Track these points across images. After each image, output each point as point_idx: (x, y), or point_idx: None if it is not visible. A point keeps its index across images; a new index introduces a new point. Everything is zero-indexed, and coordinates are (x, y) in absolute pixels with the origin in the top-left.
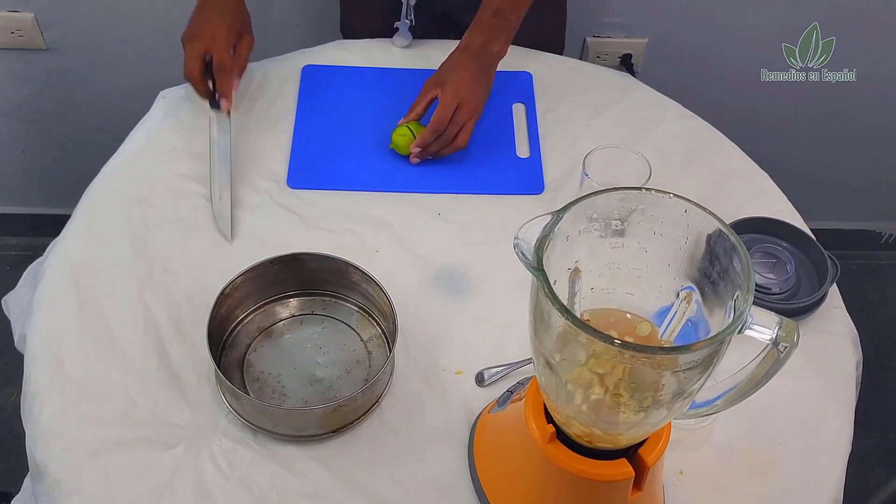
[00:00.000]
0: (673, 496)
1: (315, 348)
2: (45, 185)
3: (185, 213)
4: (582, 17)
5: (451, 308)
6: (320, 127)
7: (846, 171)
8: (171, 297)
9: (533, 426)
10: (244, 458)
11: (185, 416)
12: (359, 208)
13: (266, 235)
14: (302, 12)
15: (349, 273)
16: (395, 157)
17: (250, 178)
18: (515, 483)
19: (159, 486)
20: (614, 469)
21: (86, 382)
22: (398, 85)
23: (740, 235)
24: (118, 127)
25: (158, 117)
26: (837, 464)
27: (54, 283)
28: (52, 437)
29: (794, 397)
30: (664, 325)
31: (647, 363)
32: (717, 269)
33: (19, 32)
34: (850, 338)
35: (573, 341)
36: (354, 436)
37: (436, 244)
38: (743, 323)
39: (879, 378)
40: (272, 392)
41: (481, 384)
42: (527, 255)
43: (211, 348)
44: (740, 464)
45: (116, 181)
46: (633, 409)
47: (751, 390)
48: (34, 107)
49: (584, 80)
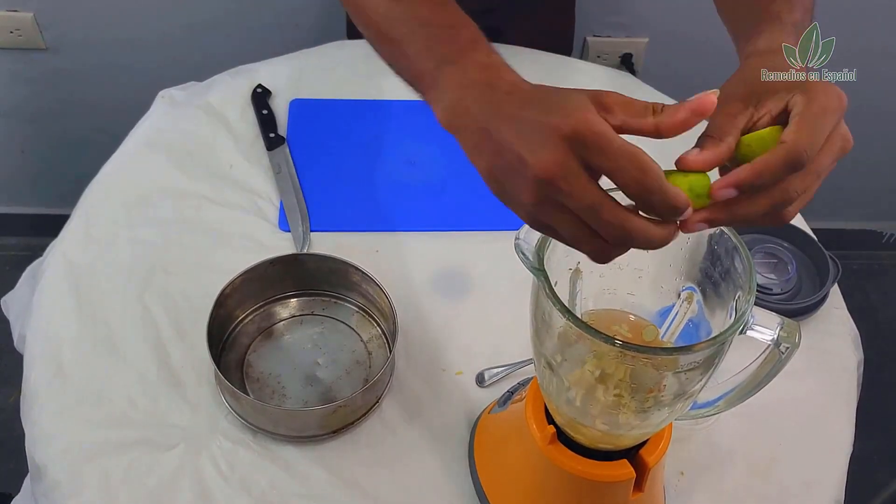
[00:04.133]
0: (674, 497)
1: (315, 349)
2: (45, 186)
3: (184, 213)
4: (582, 16)
5: (451, 308)
6: (311, 165)
7: (846, 171)
8: (170, 297)
9: (533, 427)
10: (244, 458)
11: (184, 416)
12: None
13: (266, 235)
14: (302, 12)
15: (349, 273)
16: (389, 195)
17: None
18: (516, 484)
19: (159, 486)
20: (615, 470)
21: (85, 383)
22: (391, 117)
23: (741, 235)
24: (117, 127)
25: (158, 117)
26: (839, 464)
27: (54, 283)
28: (52, 437)
29: (795, 398)
30: (665, 326)
31: (648, 364)
32: (718, 270)
33: (18, 32)
34: (851, 338)
35: (574, 342)
36: (354, 436)
37: (436, 244)
38: (744, 323)
39: (881, 378)
40: (272, 393)
41: (482, 385)
42: (528, 256)
43: (211, 349)
44: (741, 464)
45: (116, 181)
46: (635, 410)
47: (752, 391)
48: (33, 107)
49: (585, 80)
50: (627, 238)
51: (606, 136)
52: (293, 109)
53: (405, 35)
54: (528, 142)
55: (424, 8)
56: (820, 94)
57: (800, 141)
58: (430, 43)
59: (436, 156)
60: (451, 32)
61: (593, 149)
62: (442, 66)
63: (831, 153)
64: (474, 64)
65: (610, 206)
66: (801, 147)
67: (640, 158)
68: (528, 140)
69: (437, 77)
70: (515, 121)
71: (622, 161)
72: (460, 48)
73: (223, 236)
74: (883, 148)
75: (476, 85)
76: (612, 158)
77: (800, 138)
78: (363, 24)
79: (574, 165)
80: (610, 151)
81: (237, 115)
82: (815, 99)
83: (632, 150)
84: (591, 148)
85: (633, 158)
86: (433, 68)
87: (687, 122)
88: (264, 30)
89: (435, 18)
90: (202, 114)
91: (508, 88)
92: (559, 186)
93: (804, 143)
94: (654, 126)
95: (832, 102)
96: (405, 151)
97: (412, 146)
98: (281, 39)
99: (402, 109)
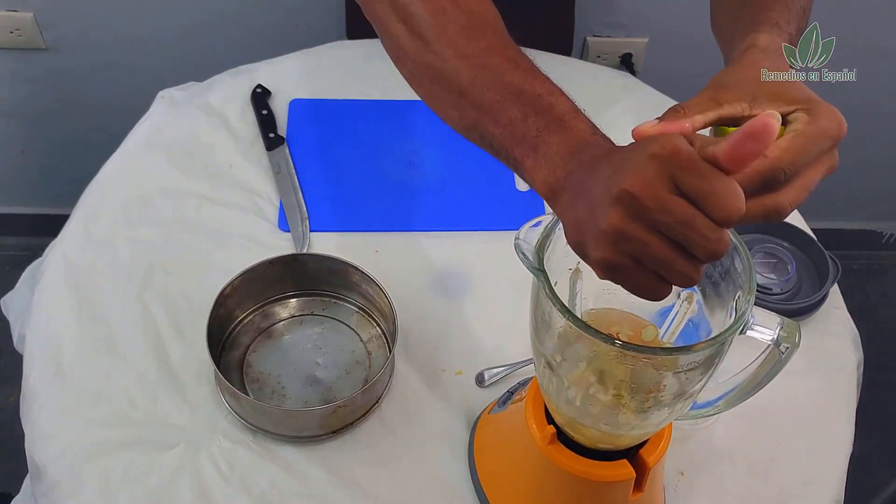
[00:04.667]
0: (673, 497)
1: (315, 349)
2: (44, 186)
3: (184, 213)
4: (582, 16)
5: (451, 308)
6: (310, 165)
7: (846, 171)
8: (170, 297)
9: (533, 427)
10: (244, 458)
11: (184, 416)
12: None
13: (266, 235)
14: (302, 12)
15: (349, 273)
16: (389, 195)
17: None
18: (516, 484)
19: (159, 486)
20: (615, 470)
21: (85, 383)
22: (391, 117)
23: (741, 235)
24: (117, 127)
25: (157, 117)
26: (838, 464)
27: (53, 283)
28: (52, 437)
29: (795, 398)
30: (665, 326)
31: (648, 364)
32: (718, 270)
33: (18, 32)
34: (851, 338)
35: (574, 342)
36: (354, 436)
37: (436, 244)
38: (744, 323)
39: (880, 378)
40: (272, 393)
41: (481, 385)
42: (528, 256)
43: (210, 349)
44: (741, 464)
45: (115, 181)
46: (634, 410)
47: (752, 391)
48: (33, 107)
49: (584, 80)
50: (720, 250)
51: (699, 159)
52: (293, 109)
53: (496, 102)
54: (616, 171)
55: (515, 76)
56: (822, 119)
57: (783, 159)
58: (527, 112)
59: (436, 156)
60: (551, 101)
61: (688, 167)
62: (543, 135)
63: (819, 170)
64: (578, 132)
65: (703, 218)
66: (781, 164)
67: (733, 182)
68: (616, 169)
69: (537, 146)
70: (609, 164)
71: (714, 182)
72: (561, 116)
73: (223, 236)
74: (883, 148)
75: (580, 151)
76: (705, 178)
77: (784, 156)
78: (440, 87)
79: (662, 182)
80: (703, 169)
81: (237, 115)
82: (815, 122)
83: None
84: (685, 167)
85: (727, 181)
86: (533, 136)
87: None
88: (264, 30)
89: (528, 87)
90: (202, 114)
91: (610, 149)
92: (647, 202)
93: (786, 162)
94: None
95: (832, 129)
96: (405, 151)
97: (412, 146)
98: (281, 39)
99: (402, 109)
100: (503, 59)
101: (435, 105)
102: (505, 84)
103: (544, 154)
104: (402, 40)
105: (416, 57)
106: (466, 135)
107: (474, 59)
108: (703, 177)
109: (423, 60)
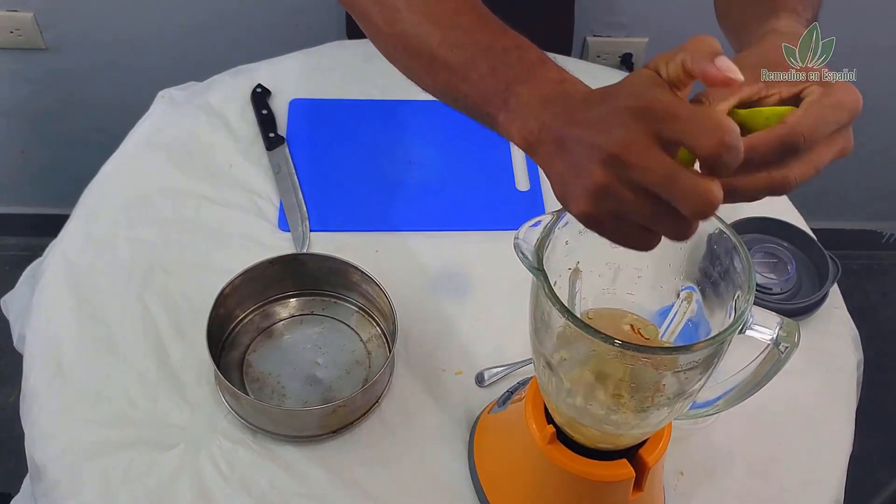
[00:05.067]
0: (673, 497)
1: (315, 349)
2: (44, 185)
3: (184, 213)
4: (582, 16)
5: (451, 308)
6: (310, 165)
7: (846, 171)
8: (170, 297)
9: (533, 426)
10: (244, 458)
11: (184, 416)
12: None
13: (265, 235)
14: (302, 12)
15: (349, 273)
16: (389, 195)
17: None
18: (515, 483)
19: (159, 486)
20: (615, 470)
21: (85, 383)
22: (391, 117)
23: (741, 235)
24: (117, 127)
25: (157, 117)
26: (838, 464)
27: (53, 283)
28: (52, 437)
29: (794, 397)
30: (665, 326)
31: (647, 363)
32: (717, 269)
33: (18, 32)
34: (850, 338)
35: (573, 342)
36: (354, 436)
37: (436, 244)
38: (744, 323)
39: (880, 378)
40: (272, 392)
41: (481, 384)
42: (527, 255)
43: (210, 349)
44: (741, 464)
45: (115, 181)
46: (634, 410)
47: (752, 391)
48: (33, 107)
49: (585, 80)
50: (708, 205)
51: (675, 103)
52: (293, 109)
53: (466, 61)
54: (598, 129)
55: (484, 34)
56: (838, 90)
57: (801, 125)
58: (495, 65)
59: (436, 156)
60: (518, 54)
61: (666, 118)
62: (513, 87)
63: (832, 149)
64: (547, 81)
65: (686, 173)
66: (800, 130)
67: (714, 114)
68: (597, 127)
69: (508, 98)
70: (586, 118)
71: (697, 122)
72: (529, 68)
73: (223, 236)
74: (883, 148)
75: (551, 100)
76: (685, 120)
77: (802, 122)
78: (411, 54)
79: (645, 139)
80: (683, 114)
81: (237, 115)
82: (832, 93)
83: (704, 109)
84: (663, 118)
85: (707, 117)
86: (503, 90)
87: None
88: (264, 30)
89: (497, 42)
90: (202, 114)
91: (582, 97)
92: (630, 161)
93: (805, 128)
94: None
95: (849, 100)
96: (405, 151)
97: (412, 146)
98: (281, 39)
99: (402, 109)
100: (471, 18)
101: (411, 75)
102: (474, 42)
103: (515, 107)
104: (375, 16)
105: (387, 28)
106: (443, 99)
107: (443, 20)
108: (683, 120)
109: (394, 30)
